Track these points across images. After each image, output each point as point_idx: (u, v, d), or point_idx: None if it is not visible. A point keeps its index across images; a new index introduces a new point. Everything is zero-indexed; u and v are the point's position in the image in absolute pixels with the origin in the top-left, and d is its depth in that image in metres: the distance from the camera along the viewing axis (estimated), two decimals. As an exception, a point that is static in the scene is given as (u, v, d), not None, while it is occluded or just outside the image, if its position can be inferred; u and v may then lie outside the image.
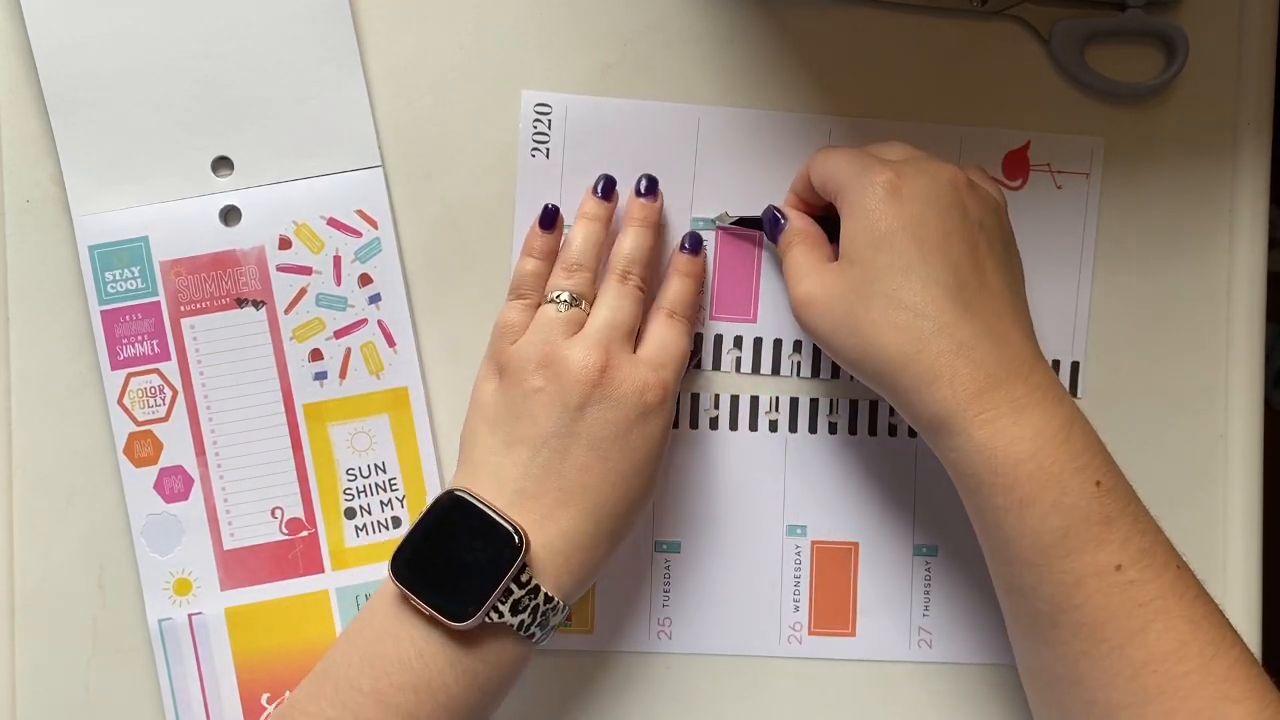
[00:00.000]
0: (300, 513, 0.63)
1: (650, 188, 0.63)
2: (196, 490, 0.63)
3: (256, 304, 0.63)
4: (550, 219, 0.62)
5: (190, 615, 0.63)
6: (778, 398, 0.64)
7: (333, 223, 0.63)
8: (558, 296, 0.60)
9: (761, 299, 0.64)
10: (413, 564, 0.55)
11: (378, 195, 0.63)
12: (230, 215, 0.63)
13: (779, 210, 0.63)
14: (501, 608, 0.54)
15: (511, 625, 0.54)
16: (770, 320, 0.64)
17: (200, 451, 0.63)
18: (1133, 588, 0.52)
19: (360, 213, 0.63)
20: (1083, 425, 0.54)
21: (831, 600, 0.65)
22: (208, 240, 0.62)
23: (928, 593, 0.64)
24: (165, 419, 0.63)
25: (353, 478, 0.63)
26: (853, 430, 0.65)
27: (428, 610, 0.54)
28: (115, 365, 0.62)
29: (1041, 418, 0.53)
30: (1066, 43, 0.63)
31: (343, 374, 0.63)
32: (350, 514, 0.63)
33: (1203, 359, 0.65)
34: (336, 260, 0.63)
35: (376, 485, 0.63)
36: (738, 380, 0.65)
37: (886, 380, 0.56)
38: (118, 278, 0.62)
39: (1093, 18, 0.64)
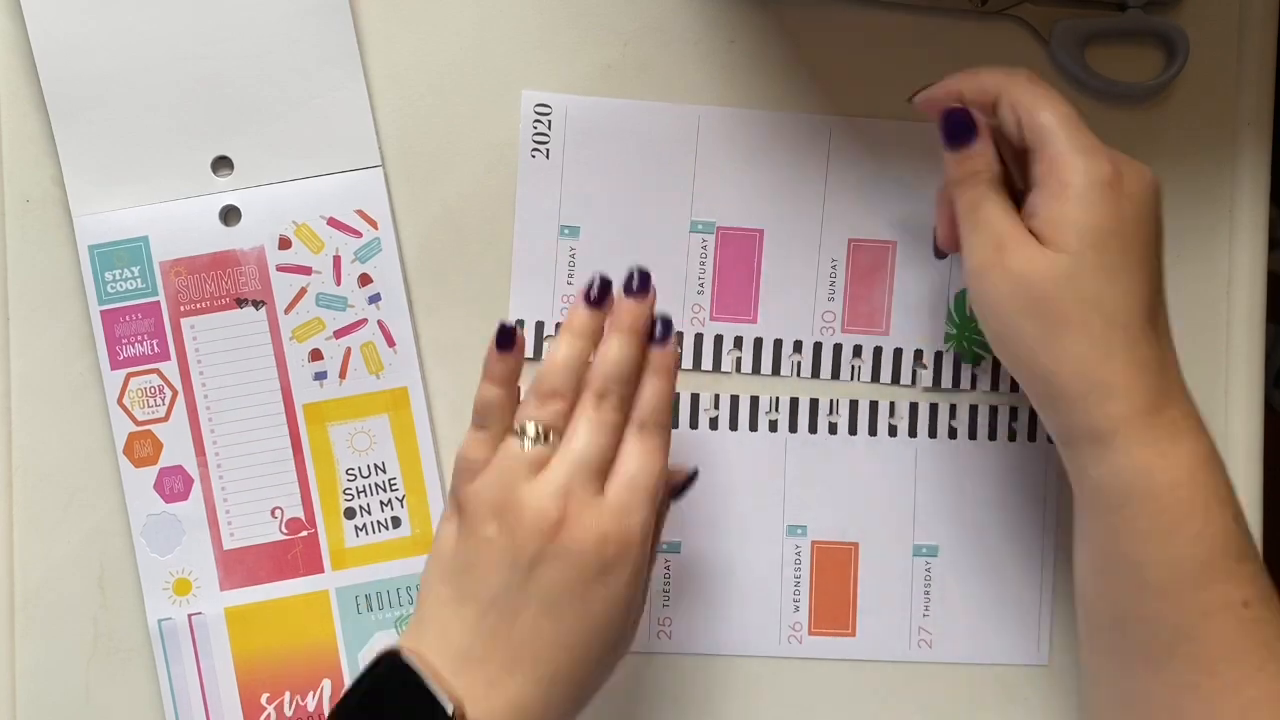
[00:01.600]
0: (300, 513, 0.63)
1: (642, 285, 0.56)
2: (196, 490, 0.63)
3: (256, 304, 0.63)
4: (508, 339, 0.55)
5: (190, 615, 0.63)
6: (778, 398, 0.64)
7: (333, 223, 0.63)
8: (524, 430, 0.54)
9: (762, 299, 0.64)
10: None
11: (378, 195, 0.63)
12: (230, 215, 0.63)
13: (971, 116, 0.55)
14: None
15: None
16: (770, 321, 0.64)
17: (200, 451, 0.63)
18: (1257, 625, 0.51)
19: (360, 213, 0.63)
20: (1220, 457, 0.53)
21: (831, 600, 0.65)
22: (208, 240, 0.62)
23: (928, 593, 0.64)
24: (165, 419, 0.63)
25: (352, 478, 0.63)
26: (853, 430, 0.65)
27: None
28: (115, 365, 0.62)
29: (1195, 443, 0.52)
30: (1066, 43, 0.63)
31: (343, 374, 0.63)
32: (350, 514, 0.63)
33: (1203, 359, 0.65)
34: (336, 260, 0.63)
35: (376, 485, 0.63)
36: (737, 380, 0.65)
37: (1055, 382, 0.52)
38: (117, 278, 0.62)
39: (1093, 18, 0.64)
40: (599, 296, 0.56)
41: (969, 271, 0.54)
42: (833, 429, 0.65)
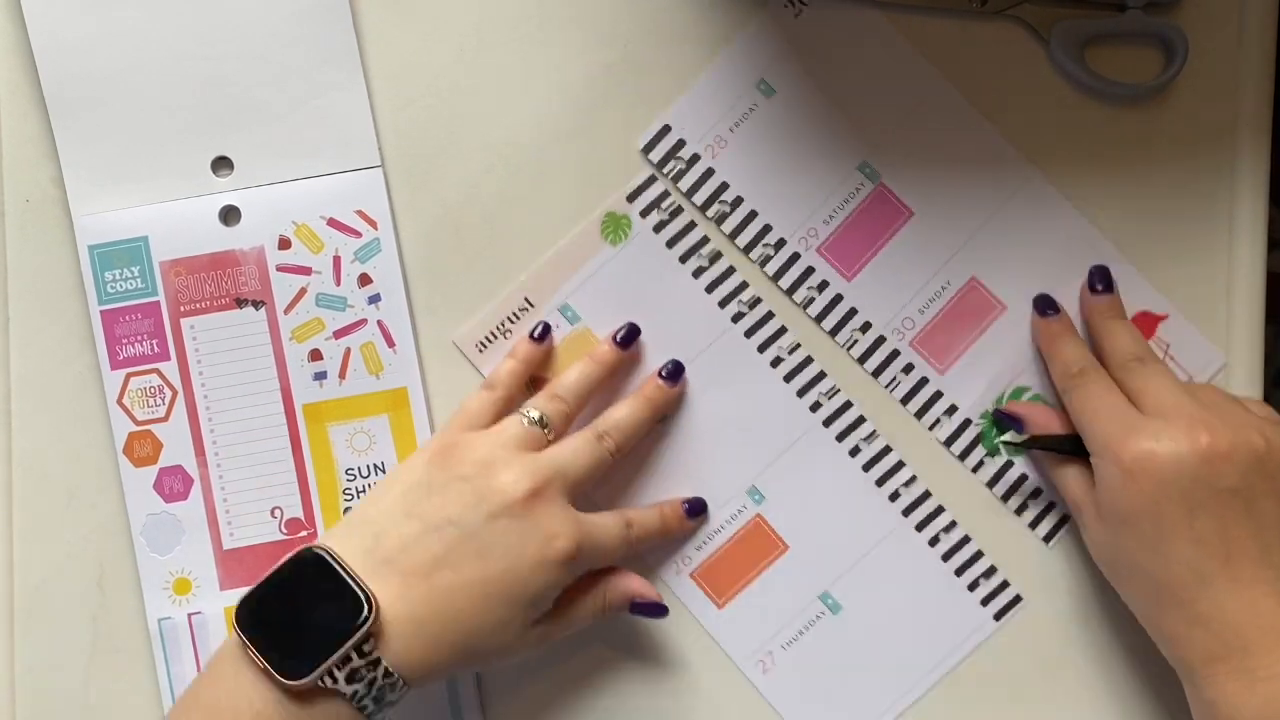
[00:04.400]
0: (300, 513, 0.63)
1: (674, 373, 0.63)
2: (196, 490, 0.63)
3: (256, 304, 0.63)
4: (543, 333, 0.63)
5: (190, 615, 0.63)
6: (823, 372, 0.64)
7: (332, 223, 0.63)
8: (528, 413, 0.60)
9: (868, 269, 0.64)
10: (258, 615, 0.54)
11: (377, 195, 0.63)
12: (230, 215, 0.63)
13: (1005, 415, 0.64)
14: (338, 674, 0.53)
15: (345, 694, 0.53)
16: (860, 291, 0.64)
17: (200, 451, 0.63)
18: None
19: (360, 213, 0.63)
20: None
21: (731, 568, 0.64)
22: (207, 240, 0.62)
23: (800, 634, 0.64)
24: (165, 419, 0.63)
25: (352, 478, 0.63)
26: (854, 451, 0.64)
27: (262, 663, 0.53)
28: (115, 365, 0.62)
29: (1276, 690, 0.54)
30: (1066, 43, 0.63)
31: (342, 374, 0.63)
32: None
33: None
34: (336, 260, 0.63)
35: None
36: (802, 324, 0.64)
37: (1142, 622, 0.59)
38: (118, 278, 0.62)
39: (1093, 18, 0.64)
40: (625, 340, 0.63)
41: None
42: (841, 435, 0.64)
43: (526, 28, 0.64)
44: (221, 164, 0.63)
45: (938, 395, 0.64)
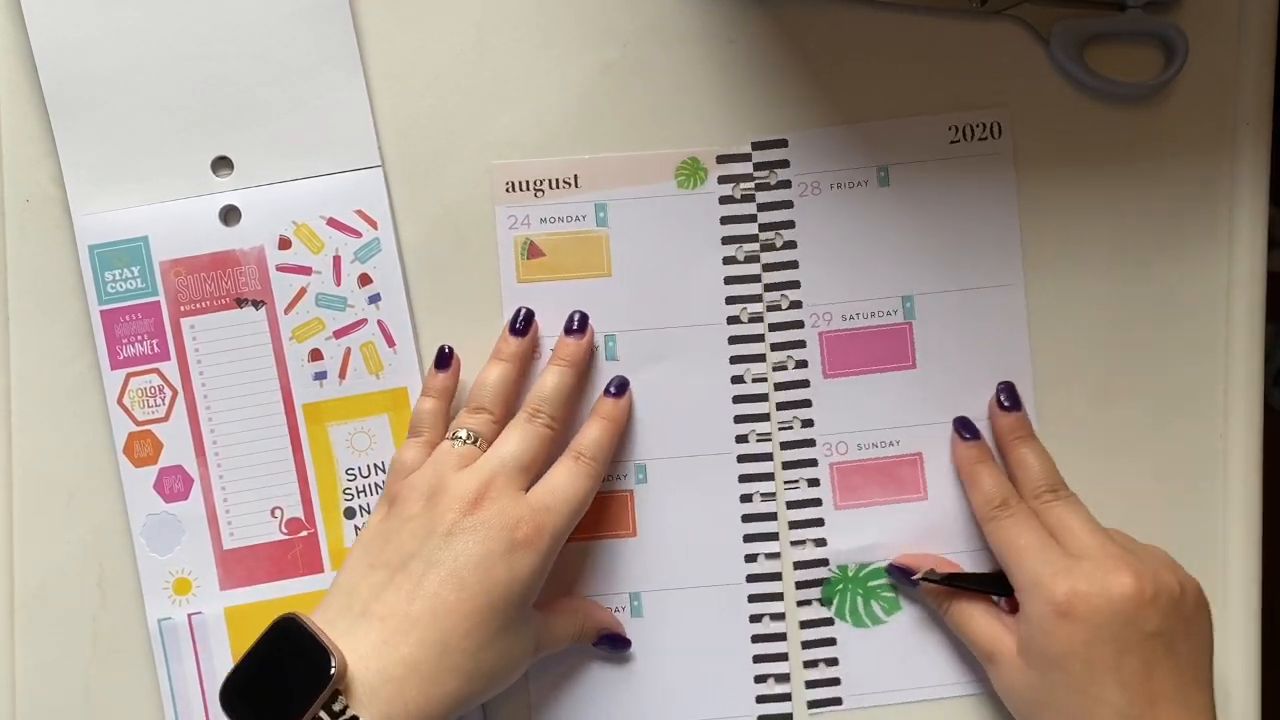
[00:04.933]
0: (300, 513, 0.63)
1: (580, 325, 0.63)
2: (196, 490, 0.63)
3: (256, 304, 0.63)
4: (445, 360, 0.62)
5: (190, 615, 0.63)
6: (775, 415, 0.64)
7: (332, 223, 0.63)
8: (455, 434, 0.60)
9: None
10: (240, 689, 0.54)
11: (378, 195, 0.63)
12: (230, 215, 0.63)
13: (906, 570, 0.63)
14: None
15: None
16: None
17: (200, 451, 0.63)
18: None
19: (360, 213, 0.63)
20: None
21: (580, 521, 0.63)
22: (208, 240, 0.62)
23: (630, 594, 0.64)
24: (165, 419, 0.63)
25: (352, 477, 0.63)
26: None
27: None
28: (115, 365, 0.62)
29: None
30: (1066, 43, 0.63)
31: (342, 374, 0.63)
32: (350, 514, 0.63)
33: (1203, 359, 0.65)
34: (336, 260, 0.63)
35: (376, 485, 0.63)
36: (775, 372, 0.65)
37: None
38: (118, 278, 0.62)
39: (1093, 18, 0.64)
40: (523, 327, 0.62)
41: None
42: (744, 477, 0.64)
43: (527, 27, 0.64)
44: (221, 164, 0.63)
45: (819, 521, 0.64)
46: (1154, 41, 0.64)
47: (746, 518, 0.64)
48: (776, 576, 0.64)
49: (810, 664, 0.64)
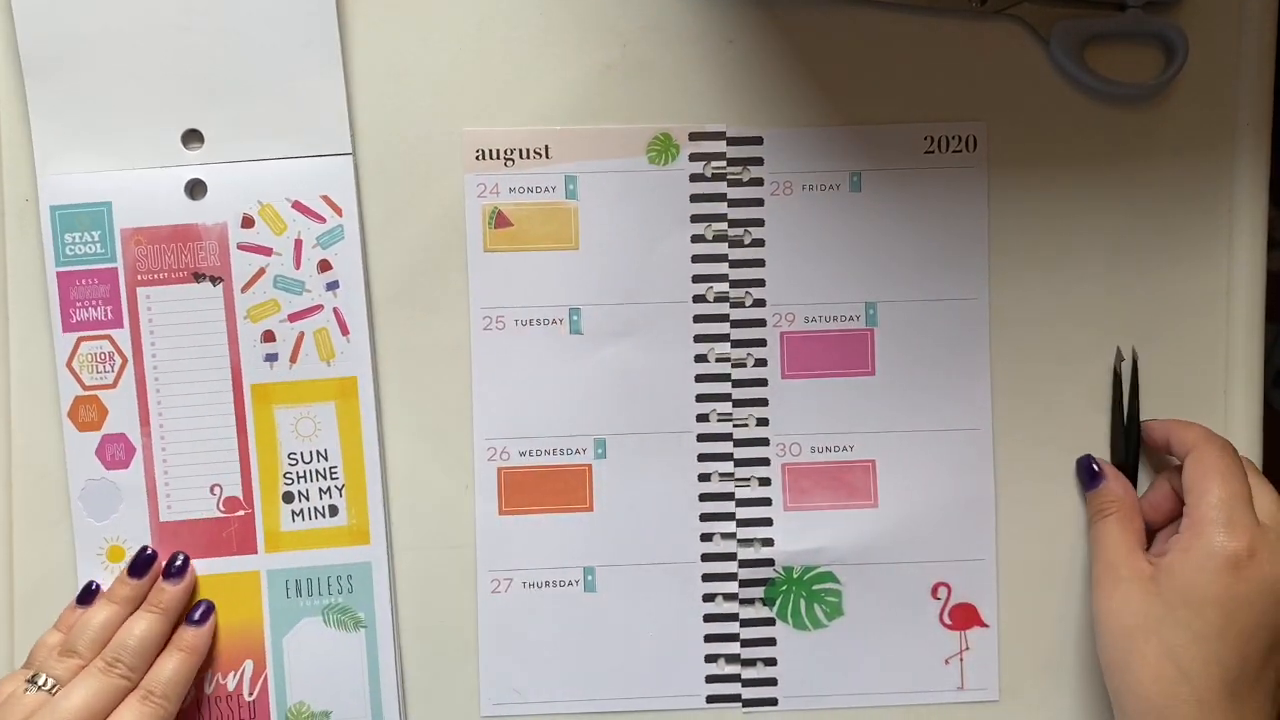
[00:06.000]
0: (239, 492, 0.63)
1: (180, 569, 0.61)
2: (138, 459, 0.63)
3: (214, 280, 0.63)
4: (143, 565, 0.61)
5: (119, 583, 0.63)
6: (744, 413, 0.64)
7: (297, 206, 0.62)
8: (34, 677, 0.58)
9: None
10: None
11: (345, 183, 0.62)
12: (196, 189, 0.62)
13: (1096, 462, 0.63)
14: None
15: None
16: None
17: (145, 421, 0.63)
18: None
19: (326, 198, 0.62)
20: None
21: (534, 489, 0.63)
22: (171, 212, 0.62)
23: (547, 584, 0.63)
24: (113, 385, 0.62)
25: (294, 462, 0.63)
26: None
27: None
28: (67, 328, 0.62)
29: None
30: (1066, 43, 0.63)
31: (293, 357, 0.63)
32: (288, 498, 0.63)
33: (1203, 359, 0.65)
34: (298, 244, 0.62)
35: (317, 472, 0.63)
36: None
37: (1122, 706, 0.57)
38: (77, 240, 0.62)
39: (1093, 18, 0.63)
40: (141, 569, 0.61)
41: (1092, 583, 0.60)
42: (703, 456, 0.64)
43: (526, 27, 0.63)
44: (192, 137, 0.62)
45: (767, 521, 0.64)
46: (1154, 41, 0.64)
47: (704, 496, 0.64)
48: (731, 557, 0.64)
49: (748, 663, 0.64)
